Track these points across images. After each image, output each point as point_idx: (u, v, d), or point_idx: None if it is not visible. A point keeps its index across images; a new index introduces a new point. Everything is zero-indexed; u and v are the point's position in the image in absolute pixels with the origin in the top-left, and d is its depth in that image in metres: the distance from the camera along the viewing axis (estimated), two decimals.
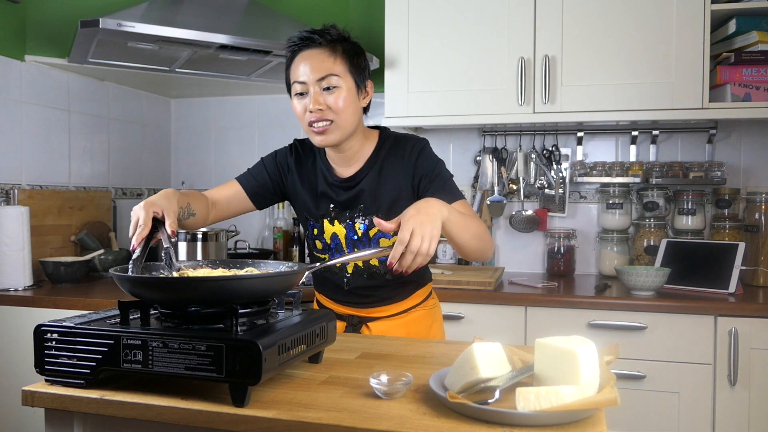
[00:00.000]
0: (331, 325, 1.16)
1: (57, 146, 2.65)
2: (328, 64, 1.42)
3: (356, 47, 1.50)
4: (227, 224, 3.10)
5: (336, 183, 1.54)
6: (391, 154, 1.53)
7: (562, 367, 0.90)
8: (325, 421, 0.87)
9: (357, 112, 1.48)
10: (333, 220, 1.55)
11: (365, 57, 1.52)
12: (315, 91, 1.42)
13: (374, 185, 1.51)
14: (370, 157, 1.53)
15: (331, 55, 1.43)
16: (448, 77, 2.51)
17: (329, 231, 1.56)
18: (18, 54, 2.48)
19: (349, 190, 1.53)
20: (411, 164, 1.50)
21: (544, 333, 1.06)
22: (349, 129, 1.46)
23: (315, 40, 1.44)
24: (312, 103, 1.41)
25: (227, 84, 2.90)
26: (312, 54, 1.44)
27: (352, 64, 1.46)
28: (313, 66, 1.42)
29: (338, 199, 1.54)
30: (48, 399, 0.99)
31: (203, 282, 1.01)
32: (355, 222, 1.53)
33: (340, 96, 1.42)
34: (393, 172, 1.51)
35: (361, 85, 1.49)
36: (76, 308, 2.08)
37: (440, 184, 1.49)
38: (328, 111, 1.42)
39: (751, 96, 2.30)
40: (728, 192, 2.54)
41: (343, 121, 1.44)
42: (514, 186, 2.80)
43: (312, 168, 1.58)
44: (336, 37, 1.46)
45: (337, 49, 1.45)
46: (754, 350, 2.00)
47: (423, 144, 1.54)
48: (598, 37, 2.38)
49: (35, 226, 2.43)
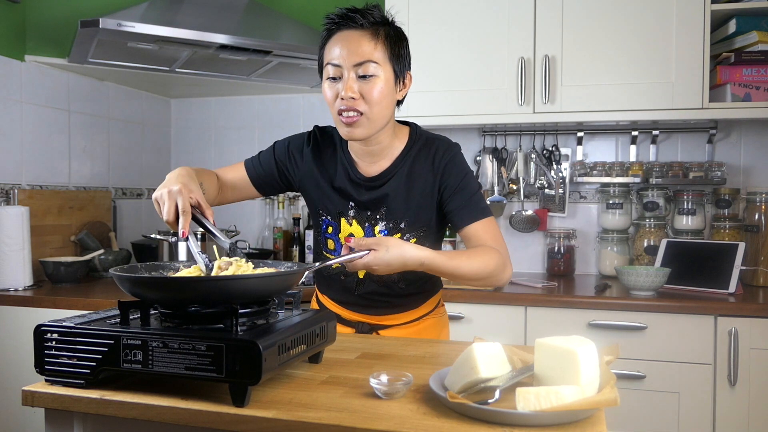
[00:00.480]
0: (331, 325, 1.16)
1: (57, 146, 2.65)
2: (368, 49, 1.29)
3: (400, 33, 1.37)
4: (227, 224, 3.10)
5: (359, 181, 1.43)
6: (421, 155, 1.42)
7: (562, 367, 0.90)
8: (325, 421, 0.87)
9: (391, 105, 1.36)
10: (351, 220, 1.44)
11: (408, 44, 1.39)
12: (350, 77, 1.30)
13: (401, 188, 1.41)
14: (399, 156, 1.42)
15: (372, 39, 1.30)
16: (448, 77, 2.51)
17: (346, 231, 1.45)
18: (18, 54, 2.49)
19: (372, 190, 1.42)
20: (440, 171, 1.41)
21: (544, 333, 1.06)
22: (380, 123, 1.35)
23: (356, 20, 1.31)
24: (345, 90, 1.29)
25: (227, 84, 2.90)
26: (351, 35, 1.31)
27: (393, 51, 1.33)
28: (351, 49, 1.29)
29: (360, 198, 1.43)
30: (48, 399, 0.99)
31: (204, 282, 1.01)
32: (375, 225, 1.43)
33: (376, 86, 1.30)
34: (421, 177, 1.41)
35: (400, 75, 1.36)
36: (76, 308, 2.09)
37: (464, 200, 1.39)
38: (361, 101, 1.30)
39: (751, 96, 2.30)
40: (728, 192, 2.54)
41: (375, 115, 1.32)
42: (514, 186, 2.80)
43: (331, 159, 1.47)
44: (379, 20, 1.33)
45: (379, 32, 1.31)
46: (754, 350, 2.00)
47: (455, 151, 1.44)
48: (598, 37, 2.38)
49: (35, 226, 2.43)
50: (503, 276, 1.37)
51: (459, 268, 1.31)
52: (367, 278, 1.48)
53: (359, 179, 1.44)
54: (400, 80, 1.38)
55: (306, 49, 2.35)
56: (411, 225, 1.43)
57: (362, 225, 1.45)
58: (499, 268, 1.34)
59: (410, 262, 1.24)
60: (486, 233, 1.39)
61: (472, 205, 1.40)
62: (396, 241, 1.24)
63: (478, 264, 1.32)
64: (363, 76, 1.30)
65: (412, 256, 1.24)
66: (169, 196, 1.16)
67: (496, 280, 1.36)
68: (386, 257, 1.21)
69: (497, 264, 1.34)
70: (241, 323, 0.98)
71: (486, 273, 1.33)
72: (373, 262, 1.21)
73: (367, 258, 1.21)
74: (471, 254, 1.34)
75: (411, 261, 1.24)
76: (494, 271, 1.34)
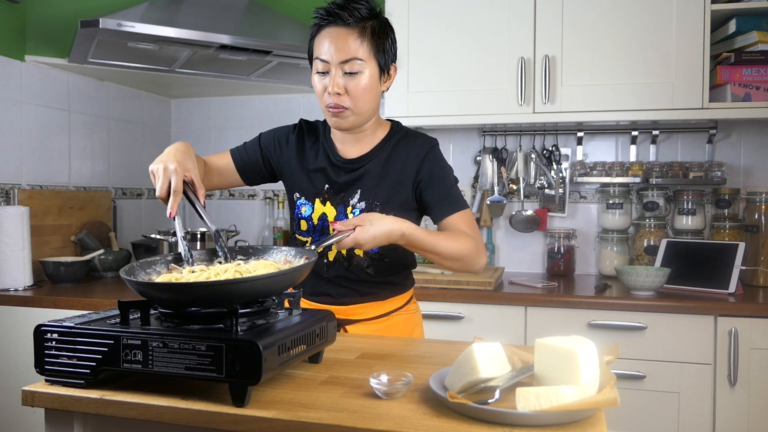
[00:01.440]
0: (331, 325, 1.16)
1: (57, 146, 2.65)
2: (354, 46, 1.37)
3: (385, 26, 1.44)
4: (227, 224, 3.10)
5: (338, 163, 1.50)
6: (401, 145, 1.51)
7: (562, 367, 0.90)
8: (325, 421, 0.87)
9: (376, 97, 1.45)
10: (325, 201, 1.51)
11: (393, 37, 1.46)
12: (336, 73, 1.38)
13: (378, 172, 1.48)
14: (380, 143, 1.51)
15: (358, 37, 1.37)
16: (448, 77, 2.51)
17: (319, 211, 1.51)
18: (18, 54, 2.49)
19: (351, 172, 1.50)
20: (418, 161, 1.48)
21: (544, 333, 1.06)
22: (366, 115, 1.44)
23: (344, 18, 1.37)
24: (332, 86, 1.38)
25: (227, 84, 2.91)
26: (338, 33, 1.38)
27: (378, 47, 1.40)
28: (338, 47, 1.37)
29: (337, 179, 1.50)
30: (48, 399, 0.99)
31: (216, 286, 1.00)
32: (348, 206, 1.49)
33: (361, 82, 1.38)
34: (399, 163, 1.49)
35: (385, 68, 1.44)
36: (76, 308, 2.09)
37: (443, 192, 1.48)
38: (346, 97, 1.39)
39: (751, 96, 2.30)
40: (728, 192, 2.54)
41: (360, 108, 1.41)
42: (514, 186, 2.80)
43: (313, 146, 1.55)
44: (366, 15, 1.39)
45: (365, 29, 1.38)
46: (754, 350, 2.00)
47: (434, 143, 1.52)
48: (598, 37, 2.38)
49: (35, 226, 2.43)
50: (477, 261, 1.45)
51: (437, 245, 1.38)
52: (336, 261, 1.52)
53: (339, 161, 1.51)
54: (385, 73, 1.45)
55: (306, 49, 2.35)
56: (384, 206, 1.47)
57: (335, 206, 1.50)
58: (474, 253, 1.43)
59: (393, 233, 1.32)
60: (462, 223, 1.47)
61: (450, 198, 1.48)
62: (378, 216, 1.33)
63: (455, 245, 1.40)
64: (349, 72, 1.38)
65: (393, 227, 1.32)
66: (164, 173, 1.21)
67: (470, 264, 1.44)
68: (371, 230, 1.29)
69: (472, 249, 1.43)
70: (241, 323, 0.98)
71: (461, 254, 1.41)
72: (359, 236, 1.28)
73: (354, 234, 1.28)
74: (448, 235, 1.42)
75: (394, 232, 1.32)
76: (469, 254, 1.42)
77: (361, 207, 1.49)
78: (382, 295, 1.54)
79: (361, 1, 1.40)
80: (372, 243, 1.30)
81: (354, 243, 1.28)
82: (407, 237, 1.34)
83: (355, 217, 1.32)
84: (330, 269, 1.52)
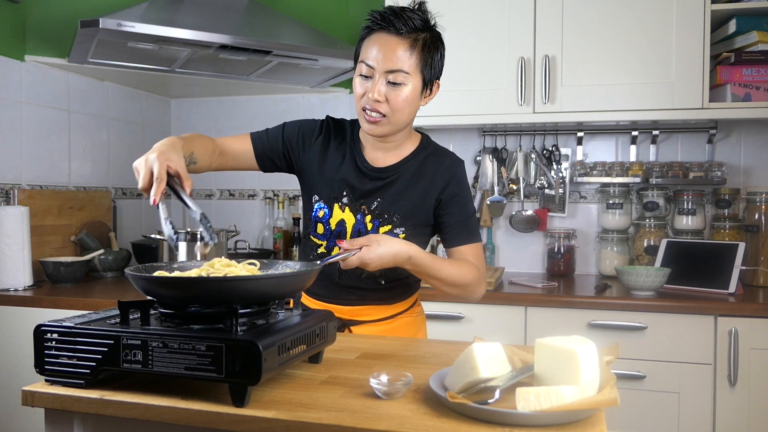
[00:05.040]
0: (331, 325, 1.16)
1: (57, 146, 2.65)
2: (403, 57, 1.34)
3: (437, 41, 1.41)
4: (227, 224, 3.10)
5: (365, 169, 1.48)
6: (429, 159, 1.49)
7: (562, 367, 0.90)
8: (325, 421, 0.87)
9: (414, 111, 1.43)
10: (344, 207, 1.48)
11: (443, 52, 1.44)
12: (380, 81, 1.35)
13: (404, 185, 1.46)
14: (408, 156, 1.49)
15: (408, 49, 1.35)
16: (448, 77, 2.49)
17: (337, 217, 1.49)
18: (18, 54, 2.49)
19: (376, 180, 1.47)
20: (445, 180, 1.47)
21: (544, 333, 1.06)
22: (401, 126, 1.42)
23: (397, 27, 1.34)
24: (373, 92, 1.35)
25: (227, 84, 2.90)
26: (389, 41, 1.35)
27: (426, 61, 1.38)
28: (386, 55, 1.34)
29: (360, 186, 1.47)
30: (48, 399, 0.99)
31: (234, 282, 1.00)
32: (367, 214, 1.47)
33: (402, 94, 1.36)
34: (426, 180, 1.47)
35: (429, 84, 1.43)
36: (76, 308, 2.08)
37: (461, 220, 1.47)
38: (386, 105, 1.37)
39: (751, 96, 2.30)
40: (728, 192, 2.54)
41: (397, 119, 1.39)
42: (514, 186, 2.80)
43: (339, 148, 1.51)
44: (419, 27, 1.36)
45: (417, 41, 1.36)
46: (754, 350, 2.00)
47: (461, 164, 1.51)
48: (598, 37, 2.38)
49: (35, 226, 2.43)
50: (477, 291, 1.47)
51: (441, 270, 1.39)
52: (349, 269, 1.49)
53: (366, 168, 1.49)
54: (428, 88, 1.44)
55: (306, 49, 2.35)
56: (404, 220, 1.46)
57: (354, 213, 1.48)
58: (476, 283, 1.45)
59: (400, 255, 1.32)
60: (472, 255, 1.48)
61: (467, 228, 1.49)
62: (385, 237, 1.32)
63: (458, 272, 1.42)
64: (392, 82, 1.36)
65: (401, 249, 1.32)
66: (145, 163, 1.18)
67: (471, 292, 1.46)
68: (378, 251, 1.29)
69: (475, 278, 1.44)
70: (240, 323, 0.98)
71: (463, 282, 1.43)
72: (366, 256, 1.28)
73: (360, 253, 1.28)
74: (453, 263, 1.44)
75: (400, 255, 1.32)
76: (471, 283, 1.44)
77: (381, 218, 1.47)
78: (389, 300, 1.55)
79: (417, 11, 1.38)
80: (378, 263, 1.30)
81: (360, 262, 1.28)
82: (414, 261, 1.34)
83: (361, 237, 1.31)
84: (342, 275, 1.50)
